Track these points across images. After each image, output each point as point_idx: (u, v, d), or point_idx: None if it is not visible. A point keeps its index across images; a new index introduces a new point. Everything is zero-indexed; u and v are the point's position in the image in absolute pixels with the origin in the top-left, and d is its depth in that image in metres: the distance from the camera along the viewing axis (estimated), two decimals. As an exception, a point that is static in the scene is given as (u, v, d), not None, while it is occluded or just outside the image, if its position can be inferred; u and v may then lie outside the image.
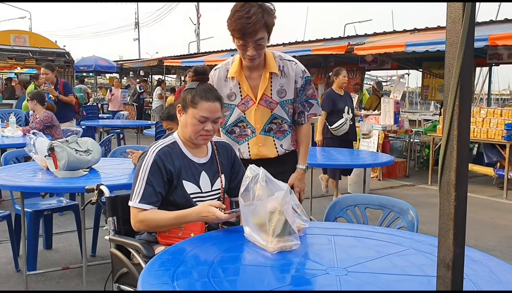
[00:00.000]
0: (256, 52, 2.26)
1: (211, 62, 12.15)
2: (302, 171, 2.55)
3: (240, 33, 2.19)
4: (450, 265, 0.83)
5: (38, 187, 3.02)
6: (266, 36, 2.25)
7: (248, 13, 2.14)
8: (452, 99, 0.78)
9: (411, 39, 7.60)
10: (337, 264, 1.50)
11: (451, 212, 0.81)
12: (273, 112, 2.45)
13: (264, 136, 2.49)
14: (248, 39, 2.21)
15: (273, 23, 2.25)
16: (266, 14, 2.19)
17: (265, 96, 2.42)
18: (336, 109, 5.69)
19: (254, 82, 2.43)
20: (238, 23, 2.16)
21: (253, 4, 2.18)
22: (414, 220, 2.14)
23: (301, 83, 2.46)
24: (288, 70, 2.42)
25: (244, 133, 2.51)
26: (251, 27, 2.15)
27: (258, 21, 2.15)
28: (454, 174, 0.80)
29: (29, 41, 14.43)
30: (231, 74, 2.44)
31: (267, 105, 2.43)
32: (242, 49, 2.27)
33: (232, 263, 1.54)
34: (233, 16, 2.18)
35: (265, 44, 2.27)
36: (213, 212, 1.80)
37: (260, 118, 2.46)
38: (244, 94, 2.44)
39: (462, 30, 0.76)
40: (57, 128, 5.30)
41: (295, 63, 2.45)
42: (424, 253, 1.63)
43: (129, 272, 1.97)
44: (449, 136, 0.80)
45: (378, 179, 7.64)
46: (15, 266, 3.52)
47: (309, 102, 2.52)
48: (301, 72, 2.45)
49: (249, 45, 2.23)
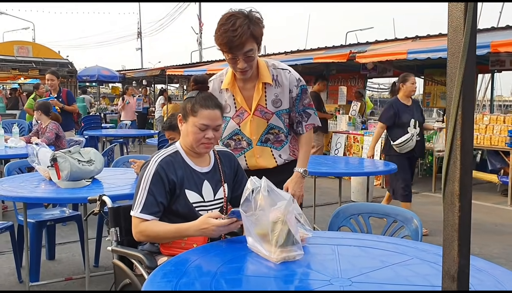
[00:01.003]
0: (246, 64, 2.21)
1: (213, 71, 12.19)
2: (300, 174, 2.42)
3: (227, 47, 2.15)
4: (455, 277, 0.81)
5: (40, 198, 3.02)
6: (255, 46, 2.20)
7: (234, 25, 2.09)
8: (455, 109, 0.77)
9: (413, 46, 7.61)
10: (341, 275, 1.49)
11: (455, 223, 0.80)
12: (269, 123, 2.41)
13: (262, 148, 2.45)
14: (236, 52, 2.16)
15: (260, 33, 2.20)
16: (253, 24, 2.14)
17: (260, 106, 2.39)
18: (400, 123, 4.89)
19: (248, 93, 2.39)
20: (224, 37, 2.12)
21: (239, 15, 2.13)
22: (418, 229, 2.12)
23: (297, 92, 2.40)
24: (282, 79, 2.37)
25: (240, 146, 2.47)
26: (237, 40, 2.10)
27: (244, 33, 2.10)
28: (457, 184, 0.79)
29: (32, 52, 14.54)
30: (224, 86, 2.40)
31: (262, 115, 2.40)
32: (232, 62, 2.24)
33: (235, 274, 1.53)
34: (219, 30, 2.14)
35: (255, 55, 2.22)
36: (212, 223, 1.78)
37: (256, 130, 2.42)
38: (238, 106, 2.41)
39: (464, 40, 0.75)
40: (63, 139, 5.35)
41: (289, 72, 2.40)
42: (429, 263, 1.61)
43: (132, 283, 1.96)
44: (452, 146, 0.79)
45: (382, 187, 7.61)
46: (18, 277, 3.51)
47: (306, 112, 2.46)
48: (296, 81, 2.39)
49: (239, 58, 2.19)
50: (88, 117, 10.70)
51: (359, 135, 8.24)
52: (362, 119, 9.24)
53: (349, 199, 6.57)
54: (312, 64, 9.16)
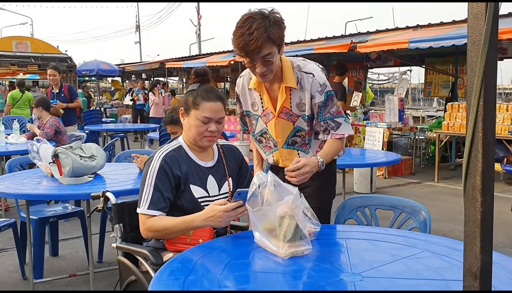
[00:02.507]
0: (265, 68, 2.05)
1: (213, 63, 12.12)
2: (316, 160, 2.11)
3: (243, 51, 2.00)
4: (477, 274, 0.78)
5: (43, 195, 2.99)
6: (275, 49, 2.03)
7: (250, 29, 1.95)
8: (476, 99, 0.74)
9: (414, 35, 7.54)
10: (351, 269, 1.46)
11: (477, 219, 0.77)
12: (296, 125, 2.26)
13: (288, 150, 2.32)
14: (253, 56, 2.01)
15: (280, 35, 2.02)
16: (271, 26, 1.98)
17: (285, 109, 2.24)
18: None
19: (274, 94, 2.24)
20: (241, 41, 1.97)
21: (256, 17, 1.98)
22: (426, 221, 2.09)
23: (321, 99, 2.18)
24: (304, 83, 2.19)
25: (268, 145, 2.38)
26: (253, 44, 1.95)
27: (260, 36, 1.94)
28: (479, 178, 0.76)
29: (31, 47, 14.48)
30: (251, 86, 2.27)
31: (288, 118, 2.25)
32: (250, 67, 2.09)
33: (243, 271, 1.50)
34: (236, 33, 2.00)
35: (274, 59, 2.04)
36: (218, 209, 1.74)
37: (281, 132, 2.29)
38: (265, 106, 2.28)
39: (486, 27, 0.72)
40: (64, 134, 5.30)
41: (312, 76, 2.18)
42: (440, 255, 1.58)
43: (138, 280, 1.94)
44: (474, 139, 0.75)
45: (384, 177, 7.59)
46: (22, 274, 3.50)
47: (335, 121, 2.22)
48: (319, 86, 2.17)
49: (257, 62, 2.04)
50: (88, 112, 10.66)
51: (361, 126, 8.21)
52: (363, 109, 9.19)
53: (351, 190, 6.55)
54: (312, 55, 9.10)
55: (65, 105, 6.28)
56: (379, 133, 7.70)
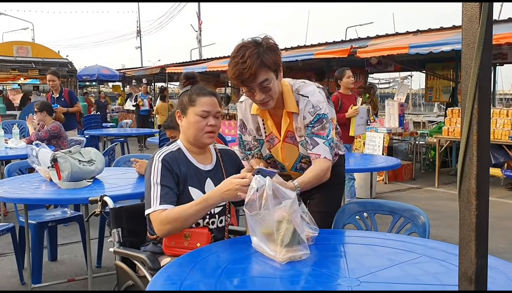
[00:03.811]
0: (264, 95, 2.02)
1: (213, 68, 12.14)
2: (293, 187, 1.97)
3: (239, 81, 1.99)
4: (472, 279, 0.78)
5: (41, 199, 2.99)
6: (271, 75, 2.00)
7: (243, 57, 1.94)
8: (471, 102, 0.73)
9: (414, 40, 7.55)
10: (348, 274, 1.45)
11: (472, 222, 0.76)
12: (300, 152, 2.24)
13: (296, 173, 2.28)
14: (249, 84, 1.99)
15: (274, 60, 1.99)
16: (264, 53, 1.96)
17: (290, 132, 2.22)
18: None
19: (278, 119, 2.22)
20: (235, 70, 1.96)
21: (249, 45, 1.97)
22: (425, 226, 2.08)
23: (310, 119, 2.14)
24: (300, 105, 2.17)
25: (277, 168, 2.35)
26: (247, 72, 1.93)
27: (253, 63, 1.92)
28: (474, 181, 0.75)
29: (31, 52, 14.50)
30: (253, 111, 2.24)
31: (293, 142, 2.23)
32: (250, 95, 2.07)
33: (240, 275, 1.49)
34: (231, 63, 2.00)
35: (272, 85, 2.01)
36: (235, 182, 1.70)
37: (288, 156, 2.27)
38: (268, 131, 2.27)
39: (480, 29, 0.72)
40: (64, 139, 5.27)
41: (307, 99, 2.15)
42: (438, 260, 1.57)
43: (135, 285, 1.93)
44: (468, 142, 0.75)
45: (384, 182, 7.58)
46: (20, 279, 3.48)
47: (313, 140, 2.14)
48: (311, 108, 2.14)
49: (255, 90, 2.01)
50: (88, 116, 10.67)
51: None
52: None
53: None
54: (312, 60, 9.11)
55: (65, 109, 6.29)
56: (379, 138, 7.70)
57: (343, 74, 5.51)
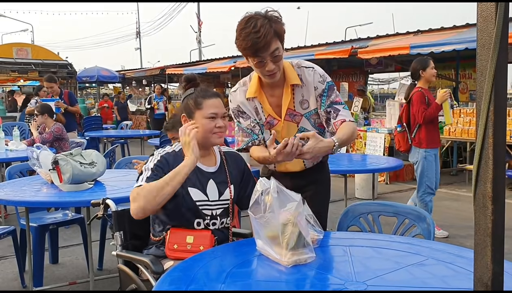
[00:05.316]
0: (275, 65, 2.05)
1: (213, 69, 12.13)
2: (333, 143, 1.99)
3: (252, 50, 2.00)
4: (488, 285, 0.76)
5: (43, 202, 2.97)
6: (280, 45, 2.04)
7: (255, 27, 1.96)
8: (486, 104, 0.72)
9: (415, 41, 7.54)
10: (355, 278, 1.43)
11: (488, 227, 0.74)
12: (300, 126, 2.25)
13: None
14: (263, 54, 2.00)
15: (283, 30, 2.05)
16: (274, 22, 2.01)
17: (289, 110, 2.23)
18: None
19: (276, 100, 2.24)
20: (248, 40, 1.96)
21: (258, 16, 2.00)
22: (430, 227, 2.06)
23: (322, 88, 2.18)
24: (306, 77, 2.20)
25: None
26: (262, 41, 1.95)
27: (268, 32, 1.96)
28: (490, 185, 0.74)
29: (31, 54, 14.49)
30: (250, 95, 2.24)
31: (292, 119, 2.24)
32: (260, 66, 2.07)
33: (245, 279, 1.48)
34: (241, 34, 2.00)
35: (281, 54, 2.06)
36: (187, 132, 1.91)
37: (286, 135, 2.22)
38: (266, 114, 2.27)
39: (496, 29, 0.70)
40: (66, 141, 5.26)
41: (313, 69, 2.20)
42: (445, 263, 1.56)
43: (138, 288, 1.91)
44: (484, 145, 0.73)
45: (386, 183, 7.56)
46: (21, 282, 3.47)
47: (334, 108, 2.18)
48: (320, 77, 2.18)
49: (266, 60, 2.02)
50: (88, 118, 10.65)
51: (362, 132, 8.19)
52: (364, 115, 9.17)
53: (353, 196, 6.52)
54: (313, 60, 9.08)
55: (65, 105, 6.31)
56: (380, 138, 7.68)
57: (427, 64, 4.60)
